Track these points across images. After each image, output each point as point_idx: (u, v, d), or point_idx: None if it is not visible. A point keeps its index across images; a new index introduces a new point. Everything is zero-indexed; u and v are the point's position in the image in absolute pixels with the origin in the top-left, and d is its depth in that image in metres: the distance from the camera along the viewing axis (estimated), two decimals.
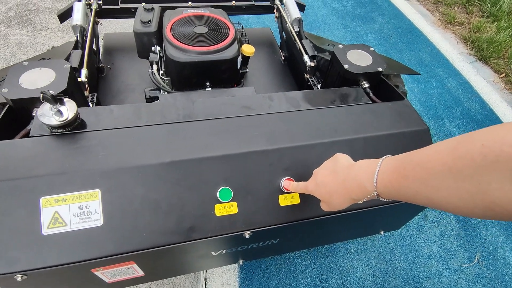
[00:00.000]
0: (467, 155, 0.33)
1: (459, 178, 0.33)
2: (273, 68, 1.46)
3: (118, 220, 0.61)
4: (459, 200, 0.34)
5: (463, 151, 0.33)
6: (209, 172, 0.66)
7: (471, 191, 0.32)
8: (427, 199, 0.38)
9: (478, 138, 0.32)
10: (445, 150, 0.36)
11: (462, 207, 0.34)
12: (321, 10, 2.71)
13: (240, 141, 0.70)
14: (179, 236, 0.63)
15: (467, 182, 0.32)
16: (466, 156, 0.33)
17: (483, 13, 2.77)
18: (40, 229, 0.57)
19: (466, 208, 0.34)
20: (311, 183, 0.58)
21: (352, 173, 0.49)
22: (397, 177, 0.41)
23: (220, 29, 1.07)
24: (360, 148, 0.75)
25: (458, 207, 0.35)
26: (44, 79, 0.73)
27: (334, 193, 0.52)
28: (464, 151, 0.33)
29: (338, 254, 1.31)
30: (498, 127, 0.32)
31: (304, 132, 0.74)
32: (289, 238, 0.79)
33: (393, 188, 0.42)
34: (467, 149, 0.33)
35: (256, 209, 0.67)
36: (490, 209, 0.31)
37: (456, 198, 0.34)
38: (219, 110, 0.78)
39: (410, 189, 0.39)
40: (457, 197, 0.34)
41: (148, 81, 1.26)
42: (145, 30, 1.12)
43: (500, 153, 0.29)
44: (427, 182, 0.37)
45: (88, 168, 0.62)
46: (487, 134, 0.32)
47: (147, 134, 0.69)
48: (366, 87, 0.93)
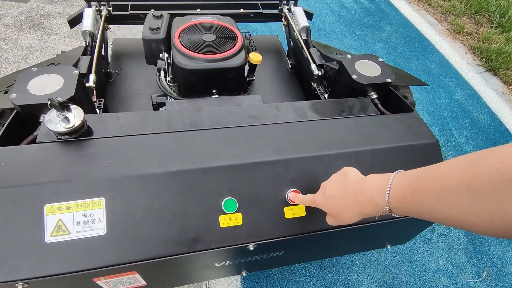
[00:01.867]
0: (484, 172, 0.31)
1: (476, 196, 0.32)
2: (280, 76, 1.46)
3: (122, 229, 0.60)
4: (477, 218, 0.33)
5: (481, 168, 0.32)
6: (214, 182, 0.65)
7: (490, 209, 0.31)
8: (442, 216, 0.37)
9: (496, 155, 0.31)
10: (461, 166, 0.35)
11: (480, 226, 0.33)
12: (328, 18, 2.71)
13: (246, 151, 0.69)
14: (183, 247, 0.62)
15: (485, 200, 0.31)
16: (483, 173, 0.32)
17: (491, 24, 2.75)
18: (43, 237, 0.57)
19: (484, 226, 0.32)
20: (319, 196, 0.57)
21: (363, 188, 0.48)
22: (411, 192, 0.40)
23: (228, 37, 1.08)
24: (368, 161, 0.73)
25: (475, 225, 0.33)
26: (53, 86, 0.73)
27: (344, 207, 0.51)
28: (482, 168, 0.32)
29: (343, 266, 1.29)
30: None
31: (311, 143, 0.73)
32: (294, 250, 0.78)
33: (407, 204, 0.41)
34: (484, 166, 0.32)
35: (261, 221, 0.66)
36: (510, 229, 0.30)
37: (473, 216, 0.33)
38: (225, 119, 0.77)
39: (425, 205, 0.38)
40: (474, 215, 0.33)
41: (155, 87, 1.26)
42: (153, 37, 1.12)
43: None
44: (443, 198, 0.36)
45: (93, 175, 0.61)
46: (506, 151, 0.31)
47: (153, 143, 0.69)
48: (375, 98, 0.92)
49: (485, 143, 1.87)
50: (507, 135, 1.94)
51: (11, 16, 2.17)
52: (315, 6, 2.85)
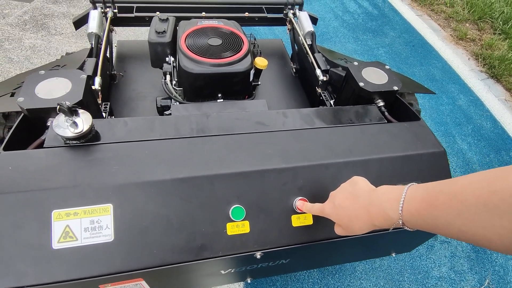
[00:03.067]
0: (503, 190, 0.31)
1: (495, 213, 0.32)
2: (284, 81, 1.46)
3: (129, 236, 0.59)
4: (495, 236, 0.32)
5: (499, 186, 0.32)
6: (222, 190, 0.65)
7: (509, 227, 0.31)
8: (459, 231, 0.36)
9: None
10: (480, 183, 0.34)
11: (499, 243, 0.32)
12: (332, 23, 2.71)
13: (254, 159, 0.69)
14: (190, 255, 0.61)
15: (504, 218, 0.31)
16: (502, 191, 0.31)
17: (495, 30, 2.76)
18: (51, 243, 0.56)
19: (503, 244, 0.32)
20: (328, 206, 0.57)
21: (374, 199, 0.48)
22: (426, 207, 0.40)
23: (234, 42, 1.08)
24: (376, 169, 0.73)
25: (493, 242, 0.33)
26: (60, 89, 0.73)
27: (354, 217, 0.51)
28: (500, 186, 0.32)
29: (346, 272, 1.28)
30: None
31: (318, 151, 0.73)
32: (300, 258, 0.77)
33: (421, 218, 0.41)
34: (503, 184, 0.31)
35: (268, 229, 0.66)
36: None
37: (491, 233, 0.33)
38: (233, 125, 0.77)
39: (441, 220, 0.38)
40: (492, 233, 0.32)
41: (159, 89, 1.26)
42: (159, 40, 1.12)
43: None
44: (460, 215, 0.35)
45: (101, 181, 0.61)
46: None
47: (160, 148, 0.68)
48: (381, 105, 0.92)
49: (487, 149, 1.87)
50: (509, 142, 1.94)
51: (15, 15, 2.17)
52: (319, 10, 2.85)
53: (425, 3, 3.05)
